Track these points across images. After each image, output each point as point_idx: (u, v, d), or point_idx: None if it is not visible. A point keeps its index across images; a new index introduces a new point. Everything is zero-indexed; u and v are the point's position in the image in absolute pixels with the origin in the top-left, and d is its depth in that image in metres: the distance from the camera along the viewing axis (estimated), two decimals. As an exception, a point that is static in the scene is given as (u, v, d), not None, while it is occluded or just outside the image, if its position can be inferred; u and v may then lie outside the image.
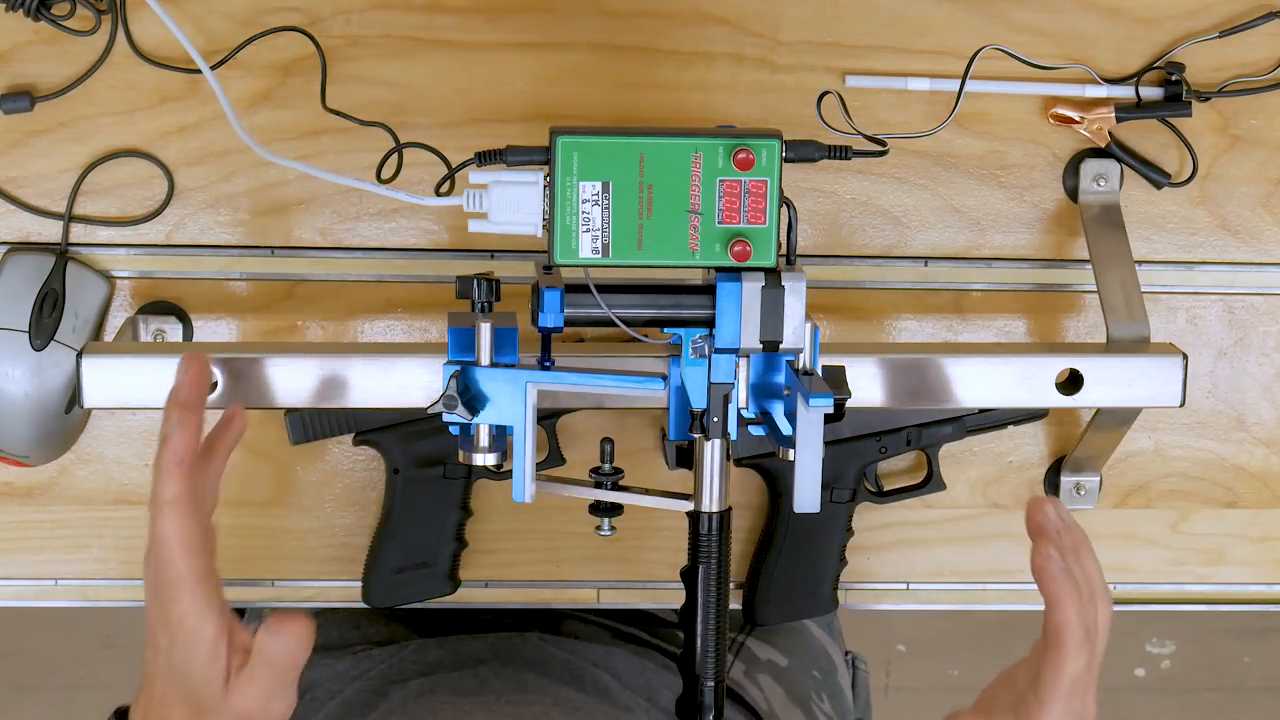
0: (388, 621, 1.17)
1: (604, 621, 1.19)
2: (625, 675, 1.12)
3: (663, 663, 1.15)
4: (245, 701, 0.87)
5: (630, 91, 1.07)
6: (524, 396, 0.90)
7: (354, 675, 1.12)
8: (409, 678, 1.10)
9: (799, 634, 1.26)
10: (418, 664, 1.11)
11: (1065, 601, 0.86)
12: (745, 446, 1.09)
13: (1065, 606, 0.86)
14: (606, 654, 1.13)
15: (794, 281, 0.88)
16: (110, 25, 1.04)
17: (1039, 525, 0.88)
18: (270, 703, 0.88)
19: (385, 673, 1.11)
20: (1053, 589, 0.86)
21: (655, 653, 1.16)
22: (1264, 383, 1.14)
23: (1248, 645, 2.51)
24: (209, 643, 0.87)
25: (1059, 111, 1.08)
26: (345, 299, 1.08)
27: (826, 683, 1.24)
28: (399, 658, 1.12)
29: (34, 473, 1.09)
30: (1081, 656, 0.86)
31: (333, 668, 1.13)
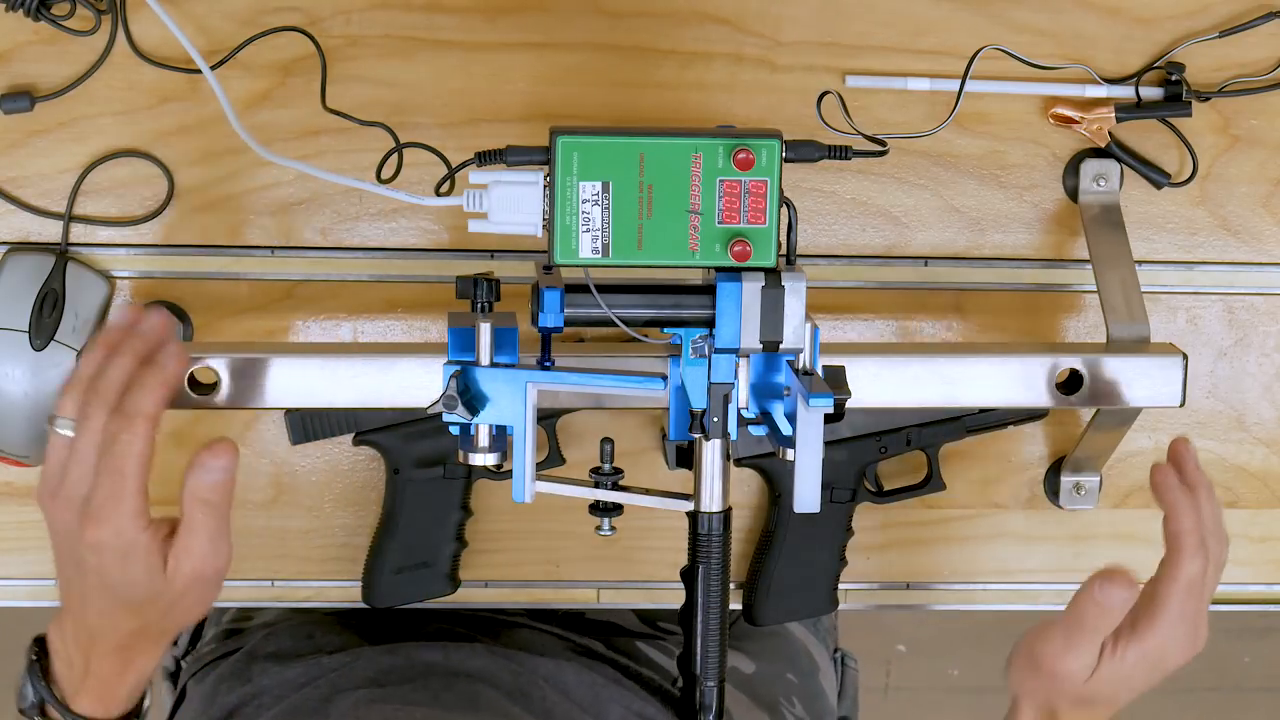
0: (341, 631, 1.17)
1: (557, 632, 1.19)
2: (574, 692, 1.12)
3: (613, 677, 1.14)
4: (192, 561, 0.89)
5: (630, 91, 1.07)
6: (524, 396, 0.90)
7: (302, 682, 1.11)
8: (358, 686, 1.10)
9: (775, 636, 1.26)
10: (367, 672, 1.11)
11: (1182, 510, 0.95)
12: (745, 446, 1.09)
13: (1181, 515, 0.95)
14: (556, 668, 1.13)
15: (794, 281, 0.88)
16: (110, 25, 1.04)
17: (1178, 453, 0.99)
18: (215, 549, 0.90)
19: (334, 680, 1.10)
20: (1170, 499, 0.96)
21: (607, 666, 1.15)
22: (1264, 383, 1.13)
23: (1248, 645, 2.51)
24: (144, 547, 0.89)
25: (1059, 111, 1.08)
26: (345, 299, 1.08)
27: (804, 684, 1.24)
28: (349, 666, 1.12)
29: (34, 473, 1.09)
30: (1197, 561, 0.94)
31: (282, 674, 1.13)
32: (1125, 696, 0.98)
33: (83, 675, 0.94)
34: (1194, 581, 0.95)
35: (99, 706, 0.94)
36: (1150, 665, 0.95)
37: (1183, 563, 0.94)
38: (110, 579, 0.90)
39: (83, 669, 0.94)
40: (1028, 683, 0.98)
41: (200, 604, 0.93)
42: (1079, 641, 0.94)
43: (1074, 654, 0.95)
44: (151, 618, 0.92)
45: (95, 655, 0.93)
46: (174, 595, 0.91)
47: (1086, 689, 0.96)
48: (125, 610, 0.91)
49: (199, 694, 1.18)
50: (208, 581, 0.92)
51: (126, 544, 0.89)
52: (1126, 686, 0.96)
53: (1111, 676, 0.95)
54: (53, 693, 0.94)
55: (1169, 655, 0.95)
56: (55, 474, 0.91)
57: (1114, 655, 0.95)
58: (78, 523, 0.89)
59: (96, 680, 0.94)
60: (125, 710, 0.95)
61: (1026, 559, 1.15)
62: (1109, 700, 0.97)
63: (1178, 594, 0.94)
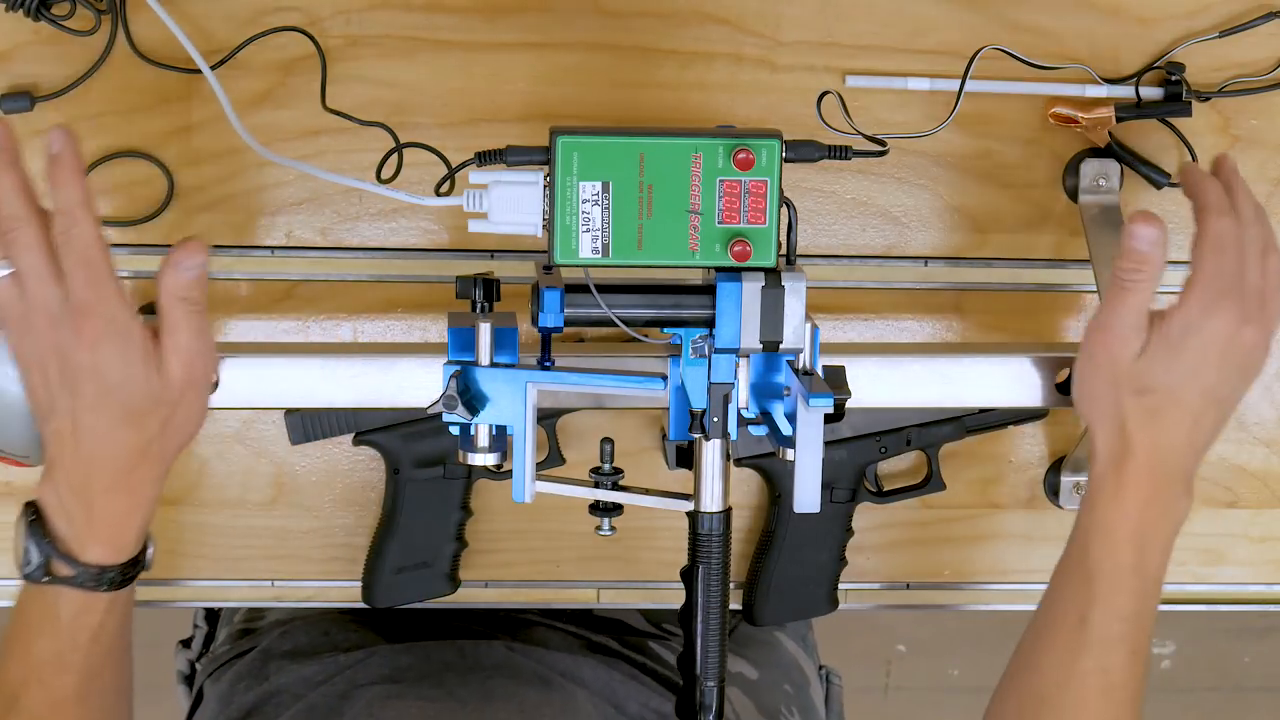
0: (356, 628, 1.17)
1: (572, 629, 1.19)
2: (592, 685, 1.12)
3: (630, 673, 1.14)
4: (181, 358, 0.89)
5: (630, 91, 1.07)
6: (524, 396, 0.90)
7: (319, 680, 1.11)
8: (375, 682, 1.10)
9: (771, 647, 1.26)
10: (384, 669, 1.11)
11: (1205, 185, 0.96)
12: (745, 446, 1.09)
13: (1205, 189, 0.96)
14: (574, 663, 1.13)
15: (794, 281, 0.88)
16: (110, 25, 1.04)
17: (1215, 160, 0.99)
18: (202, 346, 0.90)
19: (351, 678, 1.11)
20: (1193, 179, 0.97)
21: (623, 663, 1.16)
22: (1264, 383, 1.13)
23: (1248, 645, 2.51)
24: (139, 335, 0.89)
25: (1059, 111, 1.08)
26: (345, 299, 1.08)
27: (798, 696, 1.24)
28: (365, 664, 1.12)
29: (34, 473, 1.09)
30: (1225, 219, 0.94)
31: (299, 673, 1.13)
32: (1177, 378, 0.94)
33: (86, 522, 0.91)
34: (1224, 237, 0.93)
35: (108, 550, 0.91)
36: (1202, 343, 0.93)
37: (1209, 221, 0.94)
38: (110, 380, 0.88)
39: (85, 515, 0.91)
40: (1086, 385, 0.96)
41: (194, 416, 0.92)
42: (1120, 304, 0.93)
43: (1120, 318, 0.93)
44: (151, 430, 0.90)
45: (97, 494, 0.91)
46: (172, 399, 0.90)
47: (1142, 370, 0.93)
48: (125, 424, 0.90)
49: (216, 694, 1.18)
50: (199, 386, 0.91)
51: (122, 329, 0.88)
52: (1186, 373, 0.93)
53: (1164, 356, 0.93)
54: (57, 547, 0.91)
55: (1211, 313, 0.93)
56: (14, 306, 0.89)
57: (1161, 327, 0.93)
58: (68, 326, 0.88)
59: (102, 522, 0.91)
60: (134, 554, 0.93)
61: (1026, 559, 1.15)
62: (1170, 390, 0.93)
63: (1208, 251, 0.93)
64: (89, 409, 0.90)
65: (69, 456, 0.91)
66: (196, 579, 1.11)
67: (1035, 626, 1.00)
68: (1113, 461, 0.95)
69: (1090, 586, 0.95)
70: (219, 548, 0.99)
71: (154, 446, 0.91)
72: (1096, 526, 0.95)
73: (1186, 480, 0.96)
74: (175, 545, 1.11)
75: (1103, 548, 0.95)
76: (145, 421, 0.90)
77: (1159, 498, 0.95)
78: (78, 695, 0.92)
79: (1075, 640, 0.96)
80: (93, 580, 0.91)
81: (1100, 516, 0.95)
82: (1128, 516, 0.95)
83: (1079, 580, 0.96)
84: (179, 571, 1.11)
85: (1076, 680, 0.95)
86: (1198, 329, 0.93)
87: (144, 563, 0.94)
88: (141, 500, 0.92)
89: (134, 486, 0.92)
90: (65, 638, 0.92)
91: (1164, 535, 0.96)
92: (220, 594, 1.12)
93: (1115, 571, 0.95)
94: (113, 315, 0.88)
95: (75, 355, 0.89)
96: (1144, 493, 0.95)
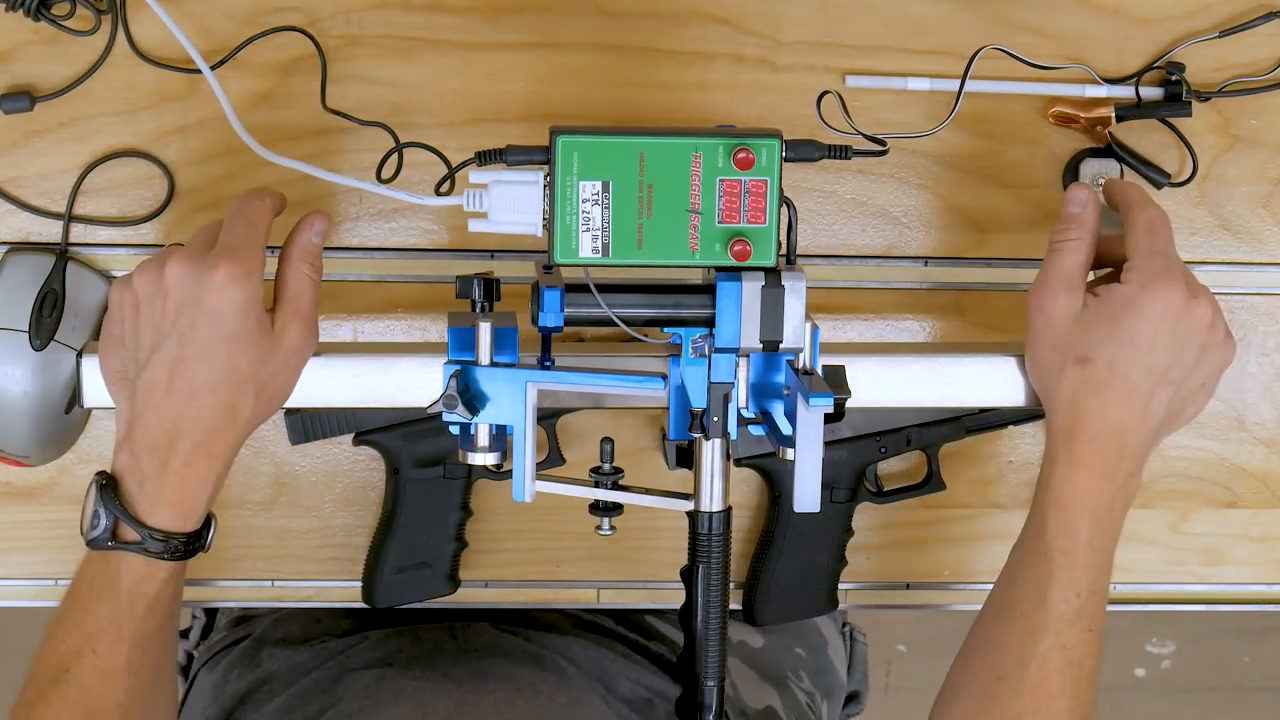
0: (348, 614, 1.17)
1: (565, 608, 1.19)
2: (582, 663, 1.12)
3: (621, 651, 1.14)
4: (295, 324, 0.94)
5: (630, 91, 1.07)
6: (524, 396, 0.90)
7: (311, 666, 1.12)
8: (367, 666, 1.10)
9: None
10: (376, 652, 1.12)
11: (1125, 187, 1.01)
12: (745, 446, 1.09)
13: (1126, 187, 1.00)
14: (564, 642, 1.13)
15: (794, 281, 0.88)
16: (110, 25, 1.04)
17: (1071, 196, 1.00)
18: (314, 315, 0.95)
19: (343, 662, 1.11)
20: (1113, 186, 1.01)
21: (615, 641, 1.16)
22: (1264, 383, 1.14)
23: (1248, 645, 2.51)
24: (260, 301, 0.92)
25: (1059, 111, 1.08)
26: (345, 299, 1.08)
27: (813, 658, 1.24)
28: (358, 648, 1.12)
29: (34, 473, 1.09)
30: (1150, 207, 0.98)
31: (291, 659, 1.13)
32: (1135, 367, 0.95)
33: (159, 484, 0.91)
34: (1155, 220, 0.97)
35: (176, 516, 0.92)
36: (1147, 320, 0.94)
37: (1137, 211, 0.97)
38: (225, 329, 0.90)
39: (159, 476, 0.91)
40: (1032, 354, 0.98)
41: (287, 387, 0.96)
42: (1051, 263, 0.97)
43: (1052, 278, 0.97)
44: (248, 394, 0.92)
45: (176, 456, 0.91)
46: (276, 365, 0.93)
47: (1080, 335, 0.95)
48: (226, 381, 0.91)
49: (210, 682, 1.18)
50: (302, 355, 0.95)
51: (253, 287, 0.91)
52: (1128, 348, 0.94)
53: (1101, 324, 0.95)
54: (126, 510, 0.91)
55: (1150, 289, 0.94)
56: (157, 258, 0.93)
57: (1100, 296, 0.95)
58: (205, 267, 0.90)
59: (175, 485, 0.91)
60: (197, 526, 0.93)
61: (1026, 559, 1.15)
62: (1111, 363, 0.94)
63: (1142, 234, 0.96)
64: (194, 356, 0.90)
65: (155, 411, 0.91)
66: (196, 579, 1.11)
67: (992, 606, 1.00)
68: (1065, 437, 0.96)
69: (1049, 563, 0.96)
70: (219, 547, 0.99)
71: (243, 413, 0.92)
72: (1053, 503, 0.96)
73: (1139, 459, 0.97)
74: (175, 545, 1.11)
75: (1059, 524, 0.96)
76: (244, 384, 0.91)
77: (1111, 474, 0.96)
78: (129, 667, 0.92)
79: (1035, 618, 0.96)
80: (157, 545, 0.91)
81: (1056, 494, 0.96)
82: (1082, 493, 0.96)
83: (1037, 558, 0.97)
84: (179, 571, 1.11)
85: (1037, 658, 0.96)
86: (1139, 306, 0.94)
87: (205, 539, 0.94)
88: (217, 468, 0.93)
89: (214, 452, 0.92)
90: (124, 605, 0.92)
91: (1118, 512, 0.97)
92: (220, 594, 1.12)
93: (1073, 548, 0.96)
94: (251, 268, 0.91)
95: (202, 295, 0.90)
96: (1097, 469, 0.96)
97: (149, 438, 0.91)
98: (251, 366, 0.91)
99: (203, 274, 0.90)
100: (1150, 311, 0.94)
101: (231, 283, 0.90)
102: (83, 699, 0.92)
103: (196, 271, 0.91)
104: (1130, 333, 0.94)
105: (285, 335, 0.93)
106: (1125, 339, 0.94)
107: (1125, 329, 0.94)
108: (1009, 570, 1.00)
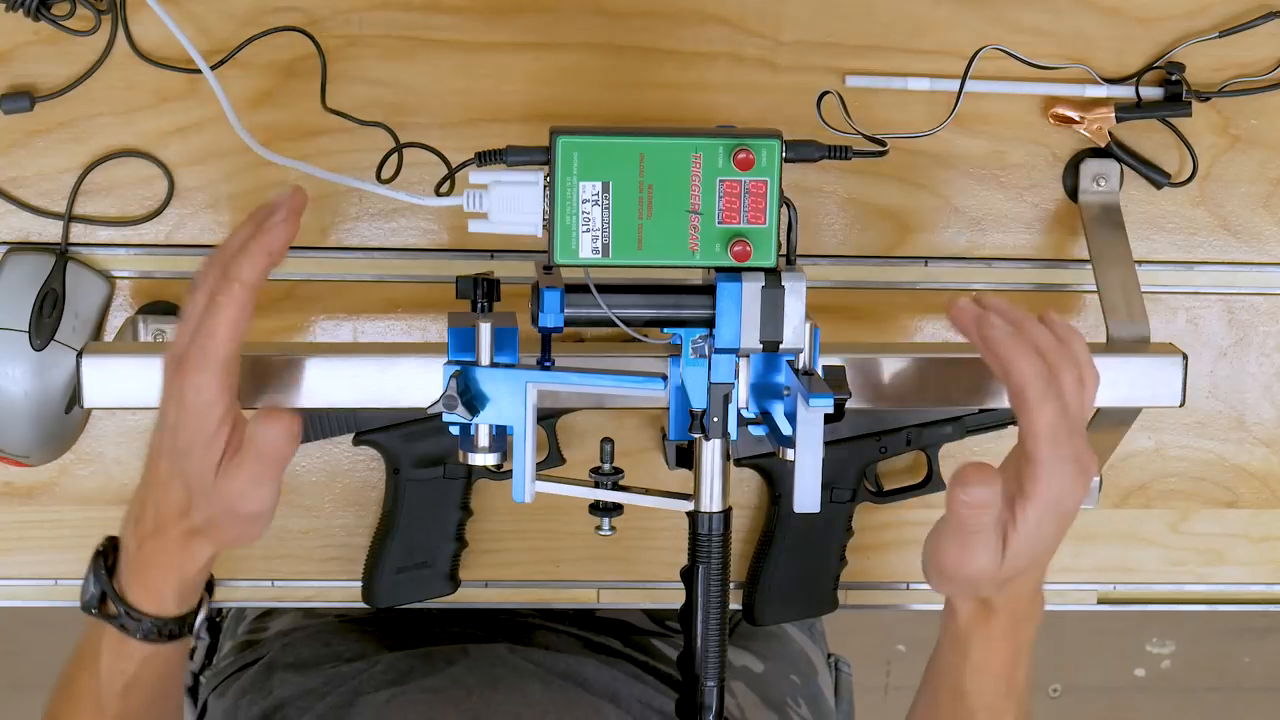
0: (358, 637, 1.17)
1: (575, 632, 1.19)
2: (594, 684, 1.12)
3: (633, 673, 1.14)
4: (232, 485, 0.87)
5: (630, 91, 1.07)
6: (524, 396, 0.90)
7: (325, 691, 1.11)
8: (380, 688, 1.10)
9: (777, 639, 1.26)
10: (388, 676, 1.11)
11: (1016, 360, 0.88)
12: (745, 446, 1.09)
13: (1018, 364, 0.88)
14: (576, 663, 1.13)
15: (794, 281, 0.88)
16: (110, 25, 1.04)
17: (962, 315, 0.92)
18: (255, 489, 0.88)
19: (356, 687, 1.11)
20: (1001, 352, 0.89)
21: (626, 663, 1.16)
22: (1264, 383, 1.14)
23: (1248, 645, 2.51)
24: (214, 423, 0.87)
25: (1059, 111, 1.08)
26: (345, 299, 1.08)
27: (806, 687, 1.24)
28: (369, 673, 1.12)
29: (34, 473, 1.09)
30: (1048, 406, 0.88)
31: (303, 684, 1.12)
32: (1045, 554, 0.93)
33: (134, 561, 0.92)
34: (1056, 426, 0.88)
35: (147, 598, 0.92)
36: (1055, 516, 0.90)
37: (1034, 415, 0.88)
38: (180, 439, 0.88)
39: (134, 553, 0.92)
40: (948, 588, 0.96)
41: (238, 535, 0.91)
42: (974, 543, 0.90)
43: (974, 554, 0.90)
44: (197, 516, 0.90)
45: (148, 536, 0.91)
46: (215, 503, 0.89)
47: (1005, 570, 0.92)
48: (180, 484, 0.89)
49: (220, 708, 1.18)
50: (240, 517, 0.89)
51: (203, 403, 0.87)
52: (1041, 546, 0.92)
53: (1021, 548, 0.90)
54: (111, 583, 0.92)
55: (1066, 500, 0.90)
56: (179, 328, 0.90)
57: (1016, 529, 0.90)
58: (169, 373, 0.88)
59: (145, 567, 0.92)
60: (175, 613, 0.93)
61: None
62: (1031, 564, 0.93)
63: (1045, 446, 0.88)
64: (162, 446, 0.90)
65: (143, 490, 0.92)
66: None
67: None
68: (977, 621, 0.96)
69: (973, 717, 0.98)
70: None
71: (198, 525, 0.90)
72: (971, 669, 0.97)
73: (1040, 590, 0.97)
74: (175, 545, 1.11)
75: (979, 685, 0.97)
76: (194, 504, 0.89)
77: (1024, 627, 0.97)
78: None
79: None
80: (132, 624, 0.91)
81: (975, 661, 0.97)
82: (999, 654, 0.97)
83: (960, 712, 0.98)
84: (179, 571, 1.11)
85: None
86: (1054, 510, 0.90)
87: (187, 627, 0.94)
88: (181, 564, 0.92)
89: (179, 545, 0.91)
90: (103, 681, 0.93)
91: (1029, 643, 0.98)
92: (220, 594, 1.12)
93: (998, 700, 0.98)
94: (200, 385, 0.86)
95: (166, 396, 0.88)
96: (1011, 637, 0.96)
97: (132, 510, 0.92)
98: (197, 482, 0.89)
99: (167, 380, 0.88)
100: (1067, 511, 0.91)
101: (179, 393, 0.87)
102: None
103: (166, 377, 0.89)
104: (1052, 536, 0.92)
105: (218, 491, 0.88)
106: (1048, 543, 0.92)
107: (1048, 536, 0.91)
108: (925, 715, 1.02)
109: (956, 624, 0.97)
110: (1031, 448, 0.89)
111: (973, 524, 0.89)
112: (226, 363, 0.87)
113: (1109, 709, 2.52)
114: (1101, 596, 1.17)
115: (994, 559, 0.90)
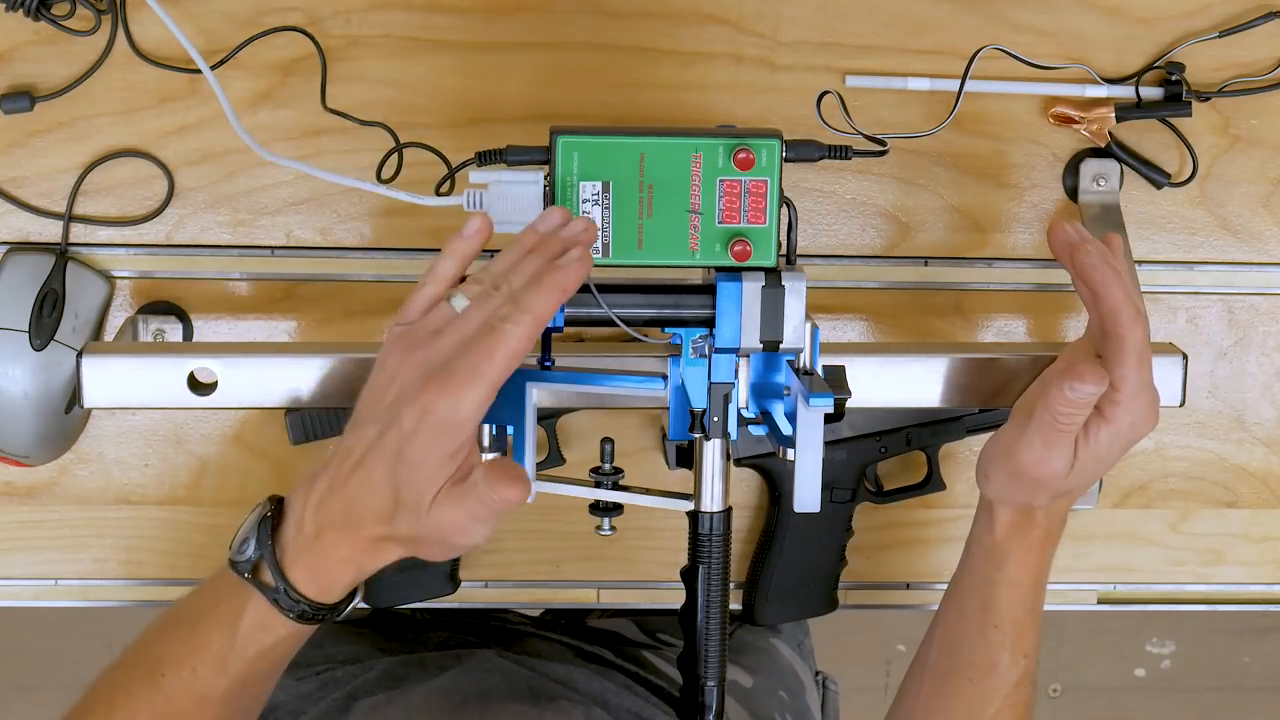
0: (352, 640, 1.17)
1: (567, 641, 1.19)
2: (585, 691, 1.12)
3: (624, 683, 1.14)
4: (449, 515, 0.84)
5: (630, 91, 1.07)
6: (524, 396, 0.90)
7: (319, 696, 1.11)
8: (374, 691, 1.09)
9: (766, 655, 1.26)
10: (382, 680, 1.11)
11: (1111, 285, 0.93)
12: (745, 446, 1.09)
13: (1112, 289, 0.93)
14: (566, 672, 1.13)
15: (794, 281, 0.88)
16: (110, 25, 1.04)
17: (1061, 241, 0.95)
18: (474, 526, 0.85)
19: (351, 691, 1.10)
20: (1097, 278, 0.93)
21: (617, 673, 1.16)
22: (1264, 383, 1.14)
23: (1248, 645, 2.51)
24: (455, 446, 0.83)
25: (1059, 111, 1.08)
26: (345, 299, 1.08)
27: (793, 703, 1.24)
28: (364, 678, 1.11)
29: (34, 473, 1.09)
30: (1139, 327, 0.93)
31: (296, 689, 1.12)
32: (1100, 474, 0.99)
33: (309, 543, 0.87)
34: (1143, 348, 0.93)
35: (312, 583, 0.88)
36: (1122, 442, 0.95)
37: (1127, 335, 0.92)
38: (412, 449, 0.83)
39: (311, 537, 0.87)
40: (1007, 491, 0.98)
41: (438, 555, 0.88)
42: (1057, 442, 0.93)
43: (1055, 454, 0.94)
44: (404, 520, 0.85)
45: (332, 527, 0.87)
46: (426, 525, 0.85)
47: (1070, 480, 0.95)
48: (390, 491, 0.85)
49: None
50: (448, 546, 0.86)
51: (455, 422, 0.82)
52: (1103, 466, 0.96)
53: (1087, 463, 0.95)
54: (274, 552, 0.88)
55: (1137, 427, 0.94)
56: (426, 332, 0.85)
57: (1088, 444, 0.94)
58: (420, 381, 0.83)
59: (321, 555, 0.87)
60: (335, 600, 0.89)
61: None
62: (1085, 483, 0.97)
63: (1133, 366, 0.92)
64: (379, 455, 0.85)
65: (338, 478, 0.87)
66: (196, 579, 1.11)
67: (935, 672, 1.02)
68: (1016, 531, 0.99)
69: (1000, 633, 0.99)
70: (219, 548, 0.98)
71: (397, 536, 0.86)
72: (1005, 582, 0.99)
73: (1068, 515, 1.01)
74: (175, 545, 1.11)
75: (1011, 598, 0.99)
76: (399, 512, 0.85)
77: (1051, 546, 1.00)
78: (223, 698, 0.89)
79: (984, 685, 1.00)
80: (286, 601, 0.87)
81: (1010, 574, 0.99)
82: (1032, 568, 0.99)
83: (987, 628, 1.00)
84: (179, 572, 1.11)
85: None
86: (1124, 436, 0.94)
87: (338, 613, 0.90)
88: (361, 563, 0.88)
89: (363, 547, 0.87)
90: (237, 642, 0.88)
91: (1049, 568, 1.01)
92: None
93: (1025, 616, 1.00)
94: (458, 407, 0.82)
95: (406, 406, 0.83)
96: (1044, 551, 1.00)
97: (320, 496, 0.87)
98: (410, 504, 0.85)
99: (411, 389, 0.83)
100: (1132, 439, 0.95)
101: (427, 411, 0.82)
102: (168, 710, 0.89)
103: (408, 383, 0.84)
104: (1111, 460, 0.96)
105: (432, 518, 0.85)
106: (1106, 466, 0.96)
107: (1108, 460, 0.96)
108: (947, 638, 1.02)
109: (994, 536, 0.99)
110: (1120, 372, 0.92)
111: (1066, 423, 0.92)
112: (493, 389, 0.82)
113: (1109, 709, 2.52)
114: (1101, 596, 1.17)
115: (1068, 464, 0.94)
